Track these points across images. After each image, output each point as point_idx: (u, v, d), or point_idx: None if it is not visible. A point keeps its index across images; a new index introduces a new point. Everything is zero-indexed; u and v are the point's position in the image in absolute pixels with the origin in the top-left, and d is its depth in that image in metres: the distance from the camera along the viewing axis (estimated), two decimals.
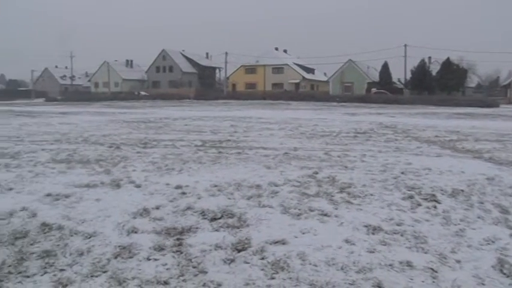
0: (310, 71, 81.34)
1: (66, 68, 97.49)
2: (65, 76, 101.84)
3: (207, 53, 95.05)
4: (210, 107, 39.82)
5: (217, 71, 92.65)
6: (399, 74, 68.10)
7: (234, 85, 76.41)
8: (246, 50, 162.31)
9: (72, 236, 4.74)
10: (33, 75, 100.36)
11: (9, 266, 4.01)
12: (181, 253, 4.26)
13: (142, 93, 72.71)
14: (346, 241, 4.59)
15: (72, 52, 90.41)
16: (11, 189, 6.78)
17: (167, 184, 6.96)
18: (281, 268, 3.94)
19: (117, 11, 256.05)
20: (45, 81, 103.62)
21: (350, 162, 9.18)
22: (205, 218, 5.32)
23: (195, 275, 3.81)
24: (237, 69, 78.77)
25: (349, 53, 76.13)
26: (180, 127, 18.11)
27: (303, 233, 4.84)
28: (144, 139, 13.27)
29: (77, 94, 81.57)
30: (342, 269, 3.95)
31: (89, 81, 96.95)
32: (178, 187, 6.75)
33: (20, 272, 3.88)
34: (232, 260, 4.10)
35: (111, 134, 14.84)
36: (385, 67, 66.16)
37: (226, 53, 73.36)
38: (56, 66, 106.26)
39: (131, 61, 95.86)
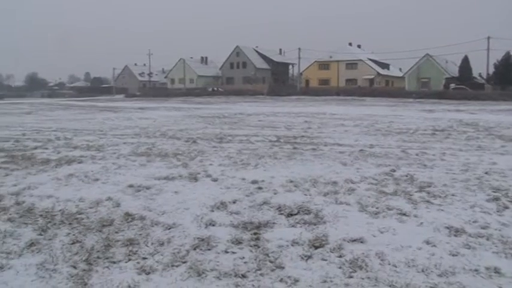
0: (385, 66, 79.17)
1: (144, 65, 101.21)
2: (143, 73, 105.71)
3: (280, 49, 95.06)
4: (283, 103, 39.86)
5: (290, 67, 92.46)
6: (480, 68, 64.60)
7: (307, 81, 75.86)
8: (320, 45, 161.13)
9: (153, 226, 4.91)
10: (114, 72, 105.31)
11: (98, 251, 4.23)
12: (259, 247, 4.28)
13: (216, 89, 74.08)
14: (427, 242, 4.41)
15: (150, 50, 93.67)
16: (97, 179, 7.17)
17: (243, 179, 7.03)
18: (359, 267, 3.85)
19: (193, 9, 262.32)
20: (125, 78, 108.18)
21: (429, 160, 8.83)
22: (281, 214, 5.32)
23: (272, 270, 3.81)
24: (311, 65, 78.10)
25: (427, 47, 72.42)
26: (254, 122, 18.27)
27: (382, 232, 4.71)
28: (220, 134, 13.51)
29: (154, 90, 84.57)
30: (422, 271, 3.79)
31: (166, 77, 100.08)
32: (254, 182, 6.81)
33: (107, 258, 4.08)
34: (310, 257, 4.07)
35: (187, 129, 15.26)
36: (466, 61, 62.91)
37: (299, 49, 72.93)
38: (135, 64, 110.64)
39: (206, 58, 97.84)
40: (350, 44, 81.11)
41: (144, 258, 4.06)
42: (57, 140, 12.52)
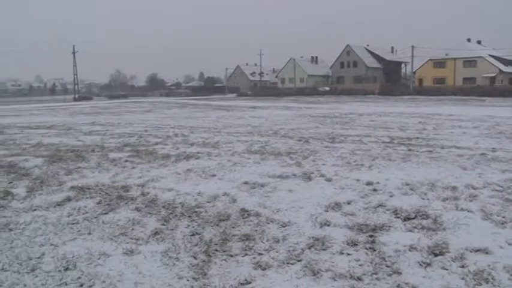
0: (509, 63, 72.98)
1: (255, 65, 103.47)
2: (254, 73, 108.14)
3: (392, 47, 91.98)
4: (395, 103, 38.52)
5: (402, 65, 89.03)
6: None
7: (420, 80, 72.57)
8: (434, 42, 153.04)
9: (268, 223, 5.01)
10: (226, 72, 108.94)
11: (216, 244, 4.41)
12: (375, 250, 4.18)
13: (327, 88, 73.59)
14: None
15: (261, 50, 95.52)
16: (213, 175, 7.49)
17: (357, 180, 6.92)
18: (485, 280, 3.60)
19: (304, 10, 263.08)
20: (236, 78, 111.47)
21: None
22: (397, 217, 5.15)
23: (389, 275, 3.70)
24: (425, 63, 74.50)
25: None
26: (366, 123, 17.88)
27: (510, 244, 4.36)
28: (331, 134, 13.41)
29: (264, 89, 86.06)
30: None
31: (276, 77, 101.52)
32: (369, 183, 6.67)
33: (224, 251, 4.24)
34: (429, 264, 3.89)
35: (298, 128, 15.34)
36: None
37: (412, 47, 69.83)
38: (247, 64, 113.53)
39: (316, 57, 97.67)
40: (468, 40, 76.02)
41: (260, 254, 4.16)
42: (176, 137, 13.26)
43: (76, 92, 79.66)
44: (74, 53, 76.67)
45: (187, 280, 3.68)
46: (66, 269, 3.94)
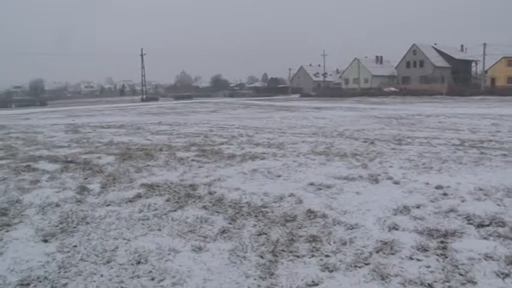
0: None
1: (319, 65, 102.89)
2: (317, 73, 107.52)
3: (461, 45, 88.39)
4: (465, 104, 36.94)
5: (473, 64, 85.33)
6: None
7: (492, 79, 69.24)
8: (509, 39, 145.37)
9: (335, 225, 4.96)
10: (290, 73, 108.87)
11: (282, 244, 4.42)
12: (446, 257, 4.04)
13: (392, 89, 71.82)
14: None
15: (325, 51, 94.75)
16: (279, 176, 7.52)
17: (426, 183, 6.71)
18: None
19: (369, 9, 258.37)
20: (300, 79, 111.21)
21: None
22: (470, 223, 4.94)
23: (463, 284, 3.56)
24: (498, 61, 71.01)
25: None
26: (434, 124, 17.30)
27: None
28: (398, 135, 13.09)
29: (328, 90, 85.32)
30: None
31: (340, 77, 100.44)
32: (438, 187, 6.44)
33: (291, 252, 4.25)
34: (507, 275, 3.69)
35: (364, 129, 15.09)
36: None
37: (484, 44, 66.59)
38: (310, 65, 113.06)
39: (381, 57, 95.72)
40: None
41: (327, 256, 4.13)
42: (240, 137, 13.42)
43: (144, 93, 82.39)
44: (142, 55, 79.40)
45: (255, 279, 3.71)
46: (138, 262, 4.10)
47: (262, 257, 4.13)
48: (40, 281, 3.79)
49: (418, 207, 5.53)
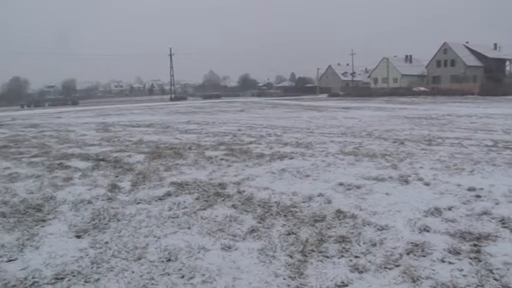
0: None
1: (347, 65, 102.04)
2: (346, 73, 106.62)
3: (495, 44, 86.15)
4: (498, 104, 36.02)
5: (507, 63, 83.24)
6: None
7: None
8: None
9: (364, 226, 4.92)
10: (318, 72, 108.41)
11: (312, 244, 4.41)
12: (480, 261, 3.95)
13: (422, 88, 70.67)
14: None
15: (353, 50, 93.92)
16: (308, 176, 7.49)
17: (458, 185, 6.58)
18: None
19: (400, 6, 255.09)
20: (328, 78, 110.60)
21: None
22: (505, 227, 4.82)
23: None
24: None
25: None
26: (465, 125, 16.94)
27: None
28: (428, 136, 12.87)
29: (356, 90, 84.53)
30: None
31: (368, 77, 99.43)
32: (471, 189, 6.31)
33: (320, 252, 4.24)
34: None
35: (393, 129, 14.90)
36: None
37: None
38: (338, 64, 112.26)
39: (410, 56, 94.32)
40: None
41: (357, 257, 4.10)
42: (269, 136, 13.42)
43: (172, 92, 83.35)
44: (170, 55, 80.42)
45: (284, 279, 3.72)
46: (168, 260, 4.15)
47: (291, 257, 4.13)
48: (74, 276, 3.88)
49: (449, 209, 5.43)
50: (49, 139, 14.80)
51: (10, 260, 4.28)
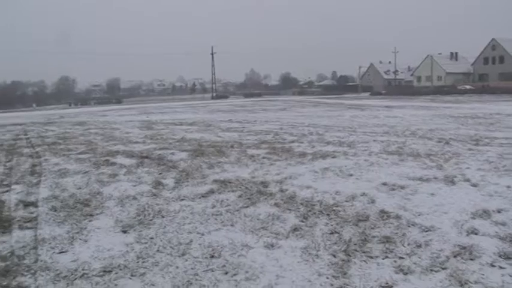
0: None
1: (389, 63, 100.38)
2: (388, 71, 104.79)
3: None
4: None
5: None
6: None
7: None
8: None
9: (409, 226, 4.83)
10: (360, 71, 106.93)
11: (355, 244, 4.37)
12: None
13: (467, 87, 68.64)
14: None
15: (396, 47, 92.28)
16: (351, 175, 7.42)
17: (508, 186, 6.34)
18: None
19: (444, 2, 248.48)
20: (370, 76, 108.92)
21: None
22: None
23: None
24: None
25: None
26: None
27: None
28: (475, 136, 12.48)
29: (399, 88, 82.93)
30: None
31: (412, 75, 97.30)
32: None
33: (364, 252, 4.19)
34: None
35: (438, 129, 14.54)
36: None
37: None
38: (380, 62, 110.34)
39: (456, 53, 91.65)
40: None
41: (401, 258, 4.03)
42: (311, 135, 13.37)
43: (214, 90, 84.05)
44: (212, 54, 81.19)
45: (327, 278, 3.70)
46: (212, 256, 4.20)
47: (334, 256, 4.10)
48: (121, 269, 3.99)
49: (499, 211, 5.25)
50: (95, 136, 15.25)
51: (61, 252, 4.45)
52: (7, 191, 7.10)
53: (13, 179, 8.01)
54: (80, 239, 4.81)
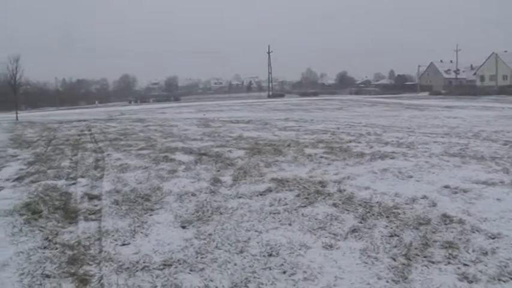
0: None
1: (451, 61, 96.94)
2: (449, 70, 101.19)
3: None
4: None
5: None
6: None
7: None
8: None
9: (473, 232, 4.66)
10: (419, 70, 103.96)
11: (416, 248, 4.27)
12: None
13: None
14: None
15: (458, 46, 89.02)
16: (410, 177, 7.24)
17: None
18: None
19: None
20: (429, 76, 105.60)
21: None
22: None
23: None
24: None
25: None
26: None
27: None
28: None
29: (460, 88, 79.90)
30: None
31: (474, 74, 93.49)
32: None
33: (425, 257, 4.08)
34: None
35: (503, 131, 13.90)
36: None
37: None
38: (441, 61, 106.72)
39: None
40: None
41: (465, 265, 3.89)
42: (368, 135, 13.14)
43: (270, 89, 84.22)
44: (269, 52, 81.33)
45: (387, 281, 3.63)
46: (270, 255, 4.22)
47: (394, 260, 4.02)
48: (180, 264, 4.09)
49: None
50: (154, 133, 15.68)
51: (124, 244, 4.62)
52: (73, 184, 7.43)
53: (78, 173, 8.37)
54: (141, 233, 4.96)
